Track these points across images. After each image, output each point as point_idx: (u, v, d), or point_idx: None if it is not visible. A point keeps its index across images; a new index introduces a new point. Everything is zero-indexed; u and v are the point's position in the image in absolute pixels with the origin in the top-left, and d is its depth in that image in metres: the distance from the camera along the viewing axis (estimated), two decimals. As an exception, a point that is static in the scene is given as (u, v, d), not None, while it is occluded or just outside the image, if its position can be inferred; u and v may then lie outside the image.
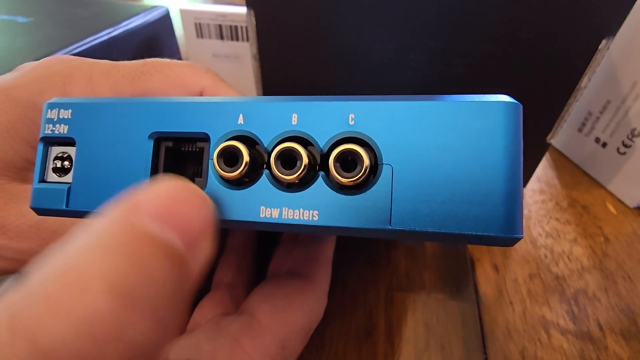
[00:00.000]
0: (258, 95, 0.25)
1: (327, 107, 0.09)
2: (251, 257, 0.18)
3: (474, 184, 0.08)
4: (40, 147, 0.10)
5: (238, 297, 0.16)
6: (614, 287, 0.19)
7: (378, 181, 0.08)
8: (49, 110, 0.10)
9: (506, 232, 0.07)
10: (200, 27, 0.30)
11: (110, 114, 0.10)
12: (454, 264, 0.20)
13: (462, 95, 0.08)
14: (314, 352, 0.16)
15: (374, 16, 0.19)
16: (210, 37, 0.30)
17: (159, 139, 0.10)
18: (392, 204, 0.08)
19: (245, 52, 0.30)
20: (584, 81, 0.19)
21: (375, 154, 0.08)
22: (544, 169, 0.27)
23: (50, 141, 0.10)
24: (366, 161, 0.08)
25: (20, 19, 0.28)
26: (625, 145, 0.24)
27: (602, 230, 0.23)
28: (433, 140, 0.08)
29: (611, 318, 0.18)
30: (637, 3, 0.17)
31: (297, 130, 0.09)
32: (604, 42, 0.18)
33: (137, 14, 0.29)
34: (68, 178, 0.10)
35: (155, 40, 0.30)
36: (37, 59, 0.22)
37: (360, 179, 0.08)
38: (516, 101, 0.08)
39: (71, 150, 0.10)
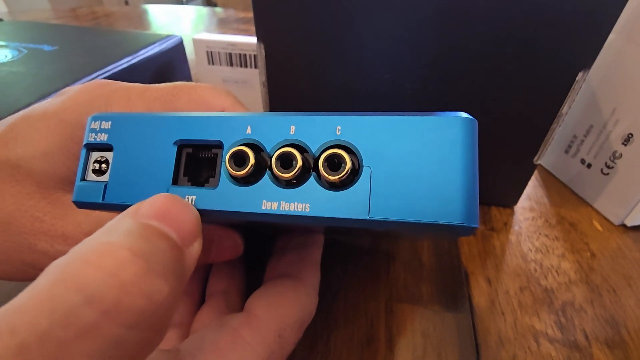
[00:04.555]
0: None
1: (319, 120, 0.10)
2: (241, 264, 0.19)
3: (438, 182, 0.09)
4: (83, 152, 0.12)
5: (233, 303, 0.17)
6: (599, 300, 0.21)
7: (359, 180, 0.10)
8: (93, 122, 0.12)
9: (464, 221, 0.09)
10: (211, 55, 0.32)
11: (143, 124, 0.11)
12: (450, 277, 0.22)
13: (430, 112, 0.10)
14: (319, 358, 0.17)
15: (373, 49, 0.22)
16: (220, 64, 0.32)
17: (181, 145, 0.11)
18: (371, 198, 0.10)
19: (252, 77, 0.33)
20: (564, 108, 0.21)
21: (357, 158, 0.10)
22: (534, 188, 0.29)
23: (92, 147, 0.12)
24: (349, 163, 0.10)
25: (46, 48, 0.30)
26: (608, 167, 0.25)
27: (588, 246, 0.24)
28: (405, 147, 0.10)
29: (596, 328, 0.19)
30: (610, 39, 0.19)
31: (294, 139, 0.10)
32: (580, 74, 0.20)
33: (153, 42, 0.31)
34: (105, 177, 0.12)
35: (169, 66, 0.32)
36: (65, 86, 0.24)
37: (344, 177, 0.10)
38: (471, 117, 0.10)
39: (108, 155, 0.12)
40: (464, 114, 0.10)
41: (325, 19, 0.21)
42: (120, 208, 0.11)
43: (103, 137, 0.12)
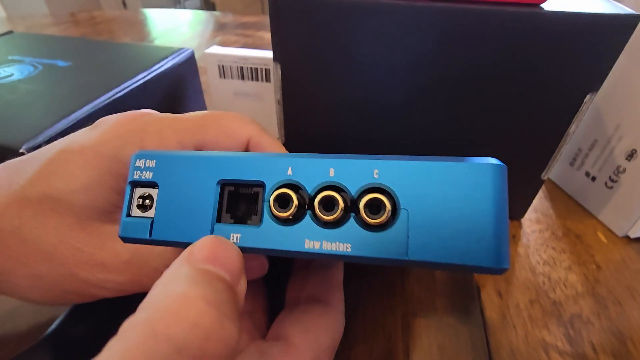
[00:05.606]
0: (279, 132, 0.27)
1: (357, 164, 0.11)
2: (263, 283, 0.20)
3: (470, 225, 0.10)
4: (128, 188, 0.12)
5: (259, 323, 0.18)
6: (605, 312, 0.22)
7: (397, 222, 0.10)
8: (137, 160, 0.12)
9: (495, 263, 0.10)
10: (223, 69, 0.33)
11: (188, 164, 0.12)
12: (462, 291, 0.22)
13: (461, 158, 0.11)
14: (342, 374, 0.18)
15: (386, 72, 0.22)
16: (232, 78, 0.33)
17: (224, 184, 0.12)
18: (409, 240, 0.10)
19: (263, 91, 0.33)
20: (572, 128, 0.22)
21: (395, 200, 0.10)
22: (539, 199, 0.30)
23: (136, 184, 0.12)
24: (388, 207, 0.10)
25: (60, 63, 0.30)
26: (612, 181, 0.26)
27: (594, 258, 0.25)
28: (440, 191, 0.10)
29: (603, 340, 0.20)
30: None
31: (334, 181, 0.11)
32: (588, 96, 0.21)
33: (166, 56, 0.32)
34: (149, 213, 0.12)
35: (182, 80, 0.33)
36: (84, 105, 0.25)
37: (384, 221, 0.10)
38: (501, 163, 0.10)
39: (151, 191, 0.12)
40: (495, 161, 0.10)
41: (339, 41, 0.22)
42: (167, 244, 0.12)
43: (148, 175, 0.12)
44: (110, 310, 0.19)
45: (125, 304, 0.19)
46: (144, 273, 0.14)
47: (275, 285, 0.20)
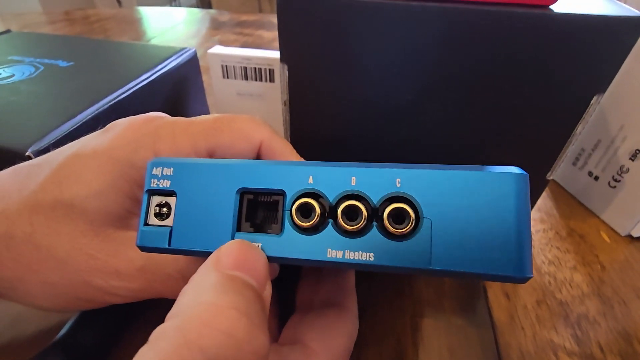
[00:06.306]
0: (285, 133, 0.27)
1: (380, 173, 0.11)
2: (273, 287, 0.20)
3: (493, 234, 0.10)
4: (145, 197, 0.12)
5: (270, 325, 0.18)
6: (611, 312, 0.22)
7: (420, 231, 0.10)
8: (154, 167, 0.12)
9: (518, 272, 0.10)
10: (226, 69, 0.33)
11: (206, 172, 0.12)
12: (470, 292, 0.23)
13: (482, 166, 0.11)
14: (354, 376, 0.18)
15: (393, 73, 0.22)
16: (235, 78, 0.33)
17: (243, 193, 0.12)
18: (432, 249, 0.10)
19: (267, 91, 0.33)
20: (578, 129, 0.22)
21: (417, 209, 0.10)
22: (543, 199, 0.30)
23: (154, 192, 0.12)
24: (412, 216, 0.10)
25: (62, 63, 0.30)
26: (616, 180, 0.27)
27: (598, 258, 0.25)
28: (462, 200, 0.10)
29: (610, 340, 0.20)
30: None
31: (356, 190, 0.11)
32: (595, 97, 0.21)
33: (169, 56, 0.31)
34: (167, 222, 0.12)
35: (185, 80, 0.32)
36: (87, 106, 0.24)
37: (408, 231, 0.10)
38: (524, 172, 0.10)
39: (169, 199, 0.12)
40: (517, 169, 0.10)
41: (347, 42, 0.22)
42: (187, 253, 0.12)
43: (165, 184, 0.12)
44: (120, 316, 0.19)
45: (135, 309, 0.19)
46: (158, 279, 0.14)
47: (282, 287, 0.20)
